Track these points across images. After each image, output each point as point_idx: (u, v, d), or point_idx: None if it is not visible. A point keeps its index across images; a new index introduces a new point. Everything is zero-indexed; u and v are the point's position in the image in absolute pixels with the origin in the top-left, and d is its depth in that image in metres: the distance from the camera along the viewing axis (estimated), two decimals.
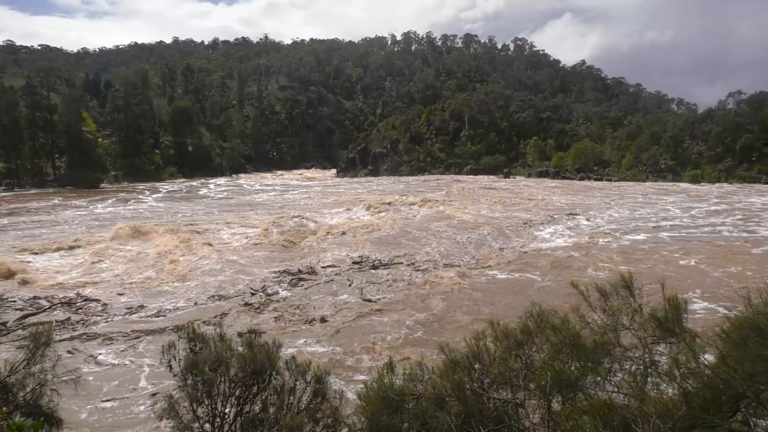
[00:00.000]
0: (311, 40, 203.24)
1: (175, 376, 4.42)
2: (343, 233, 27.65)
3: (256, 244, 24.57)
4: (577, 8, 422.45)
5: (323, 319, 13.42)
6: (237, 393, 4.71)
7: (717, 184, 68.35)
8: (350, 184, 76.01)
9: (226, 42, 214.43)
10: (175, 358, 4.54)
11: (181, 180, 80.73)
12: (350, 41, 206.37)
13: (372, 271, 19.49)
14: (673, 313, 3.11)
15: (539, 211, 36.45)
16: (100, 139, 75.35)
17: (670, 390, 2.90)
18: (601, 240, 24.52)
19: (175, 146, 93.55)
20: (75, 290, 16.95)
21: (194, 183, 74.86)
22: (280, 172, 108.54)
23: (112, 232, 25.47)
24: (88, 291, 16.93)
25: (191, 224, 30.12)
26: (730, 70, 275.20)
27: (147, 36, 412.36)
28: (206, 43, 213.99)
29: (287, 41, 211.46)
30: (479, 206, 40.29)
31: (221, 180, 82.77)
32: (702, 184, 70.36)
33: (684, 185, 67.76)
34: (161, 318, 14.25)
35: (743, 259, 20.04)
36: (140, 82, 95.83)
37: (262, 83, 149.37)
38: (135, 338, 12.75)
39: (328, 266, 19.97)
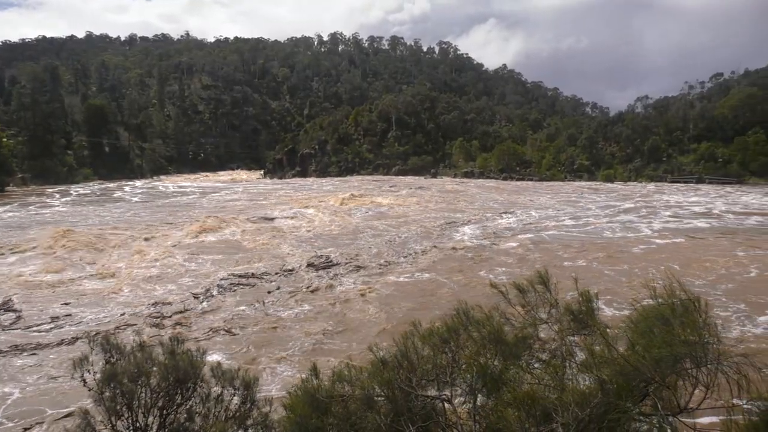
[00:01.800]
0: (236, 38, 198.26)
1: (90, 390, 4.18)
2: (282, 236, 27.27)
3: (191, 246, 23.85)
4: (501, 14, 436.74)
5: (230, 331, 13.05)
6: (160, 404, 4.53)
7: (641, 183, 72.60)
8: (278, 185, 74.75)
9: (144, 38, 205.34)
10: (89, 371, 4.30)
11: (97, 182, 76.50)
12: (276, 41, 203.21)
13: (299, 275, 19.29)
14: (586, 306, 3.29)
15: (476, 212, 37.34)
16: (4, 139, 69.94)
17: (587, 379, 3.04)
18: (509, 243, 24.85)
19: (90, 147, 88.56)
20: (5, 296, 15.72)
21: (111, 185, 71.00)
22: (204, 173, 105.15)
23: (48, 236, 24.08)
24: (26, 297, 15.75)
25: (128, 228, 28.75)
26: (639, 76, 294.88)
27: (57, 30, 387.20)
28: (123, 38, 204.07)
29: (210, 39, 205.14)
30: (414, 206, 40.87)
31: (139, 182, 78.89)
32: (628, 183, 74.58)
33: (612, 185, 71.32)
34: (56, 331, 13.00)
35: (628, 257, 20.95)
36: (50, 78, 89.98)
37: (184, 82, 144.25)
38: (13, 355, 11.34)
39: (267, 272, 19.53)
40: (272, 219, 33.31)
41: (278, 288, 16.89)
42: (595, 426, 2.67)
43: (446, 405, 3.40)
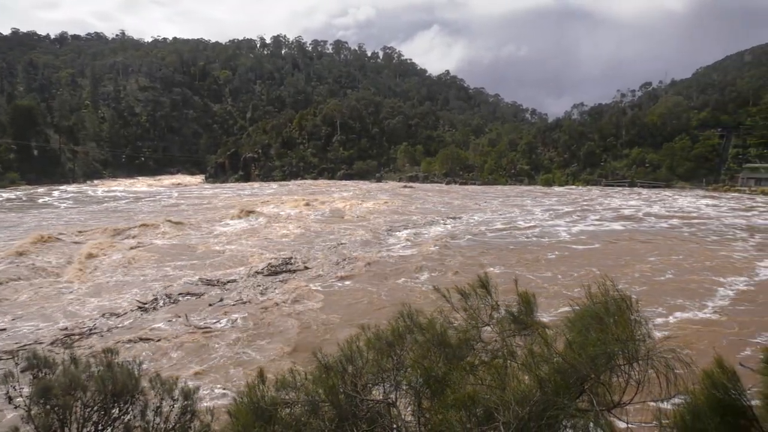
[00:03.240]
0: (174, 39, 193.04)
1: (16, 408, 3.95)
2: (235, 241, 26.75)
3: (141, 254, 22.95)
4: (444, 21, 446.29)
5: (142, 339, 12.67)
6: (95, 418, 4.33)
7: (586, 188, 75.20)
8: (218, 189, 72.97)
9: (76, 36, 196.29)
10: (15, 388, 4.06)
11: (26, 188, 72.26)
12: (217, 42, 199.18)
13: (245, 283, 18.96)
14: (525, 308, 3.38)
15: (426, 216, 37.87)
16: None
17: (527, 378, 3.12)
18: (433, 248, 25.08)
19: (17, 150, 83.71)
20: None
21: (40, 190, 67.24)
22: (142, 177, 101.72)
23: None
24: None
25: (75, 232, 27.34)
26: (575, 84, 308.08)
27: None
28: (53, 36, 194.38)
29: (147, 39, 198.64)
30: (367, 210, 41.11)
31: (70, 187, 74.91)
32: (570, 186, 77.23)
33: (560, 189, 73.38)
34: None
35: (547, 263, 21.44)
36: None
37: (120, 83, 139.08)
38: None
39: (228, 280, 19.06)
40: (224, 224, 32.57)
41: (221, 300, 16.47)
42: (535, 423, 2.75)
43: (391, 408, 3.41)
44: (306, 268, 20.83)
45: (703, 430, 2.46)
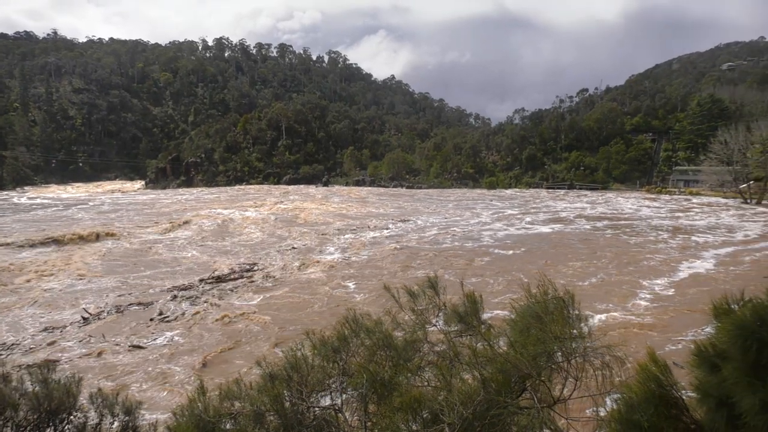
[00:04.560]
0: (111, 39, 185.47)
1: None
2: (190, 246, 25.88)
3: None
4: (390, 26, 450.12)
5: (48, 361, 12.07)
6: None
7: (535, 190, 77.02)
8: (154, 194, 70.57)
9: (3, 35, 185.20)
10: None
11: None
12: (156, 43, 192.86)
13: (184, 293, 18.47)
14: (471, 308, 3.44)
15: (378, 220, 38.07)
16: None
17: (470, 378, 3.16)
18: (365, 254, 25.32)
19: None
20: None
21: None
22: (77, 184, 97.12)
23: None
24: None
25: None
26: (516, 89, 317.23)
27: None
28: None
29: (82, 39, 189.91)
30: (322, 213, 40.90)
31: None
32: (517, 189, 79.06)
33: (509, 191, 74.69)
34: None
35: (476, 268, 21.88)
36: None
37: (52, 84, 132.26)
38: None
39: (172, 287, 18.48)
40: (164, 234, 31.57)
41: (160, 313, 15.96)
42: (479, 423, 2.79)
43: (338, 414, 3.39)
44: (251, 279, 20.52)
45: (638, 420, 2.56)
